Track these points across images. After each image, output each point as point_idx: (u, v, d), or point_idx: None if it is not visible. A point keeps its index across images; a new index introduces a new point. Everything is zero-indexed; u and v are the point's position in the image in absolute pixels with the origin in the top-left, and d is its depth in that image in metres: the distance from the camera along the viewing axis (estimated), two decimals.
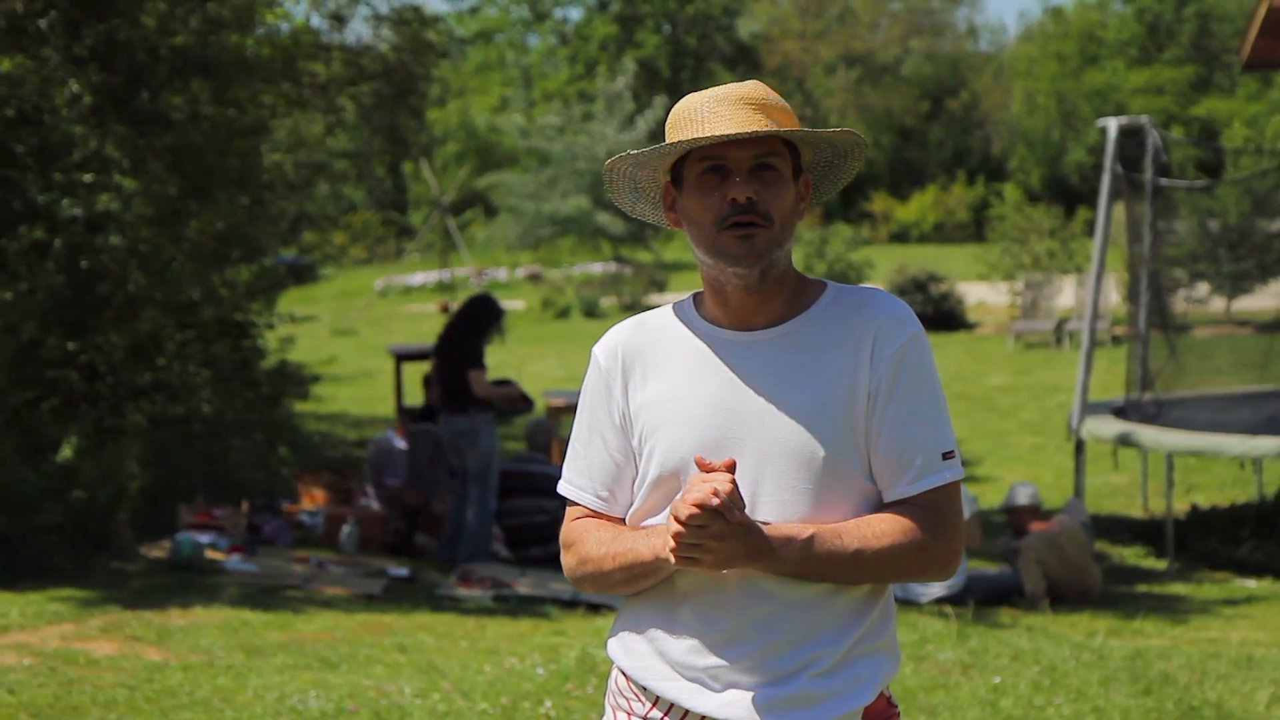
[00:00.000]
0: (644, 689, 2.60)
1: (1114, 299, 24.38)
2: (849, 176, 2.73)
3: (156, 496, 10.85)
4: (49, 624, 7.67)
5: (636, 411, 2.63)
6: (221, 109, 11.72)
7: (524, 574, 9.95)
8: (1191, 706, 6.18)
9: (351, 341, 28.43)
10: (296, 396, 15.12)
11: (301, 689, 6.34)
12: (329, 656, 7.15)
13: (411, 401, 14.85)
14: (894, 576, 2.56)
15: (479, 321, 10.27)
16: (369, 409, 19.38)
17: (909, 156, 56.42)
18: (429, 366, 11.76)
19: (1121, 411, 12.97)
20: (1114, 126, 13.07)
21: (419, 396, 13.74)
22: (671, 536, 2.42)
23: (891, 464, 2.55)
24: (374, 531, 10.90)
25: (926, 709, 6.06)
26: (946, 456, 2.56)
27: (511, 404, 11.04)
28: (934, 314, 26.80)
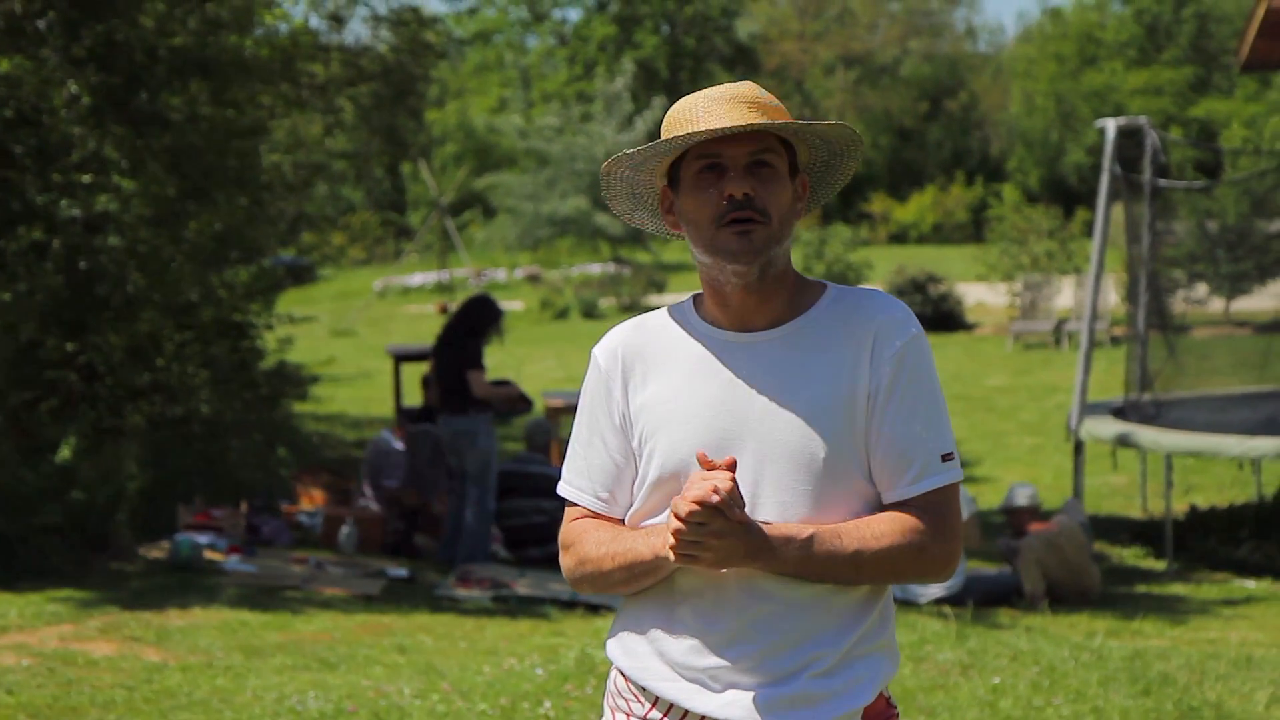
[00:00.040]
0: (643, 689, 2.60)
1: (1113, 300, 24.37)
2: (846, 177, 2.72)
3: (155, 497, 10.84)
4: (48, 624, 7.67)
5: (637, 413, 2.63)
6: (220, 110, 11.72)
7: (523, 574, 9.95)
8: (1191, 707, 6.18)
9: (350, 342, 28.43)
10: (295, 397, 15.12)
11: (300, 690, 6.34)
12: (328, 657, 7.15)
13: (410, 402, 14.85)
14: (893, 577, 2.56)
15: (478, 322, 10.28)
16: (368, 410, 19.37)
17: (908, 157, 56.46)
18: (428, 367, 11.75)
19: (1120, 412, 12.96)
20: (1112, 127, 13.07)
21: (418, 397, 13.74)
22: (671, 534, 2.42)
23: (891, 465, 2.55)
24: (373, 532, 10.90)
25: (926, 709, 6.06)
26: (946, 458, 2.56)
27: (510, 404, 11.04)
28: (933, 315, 26.79)
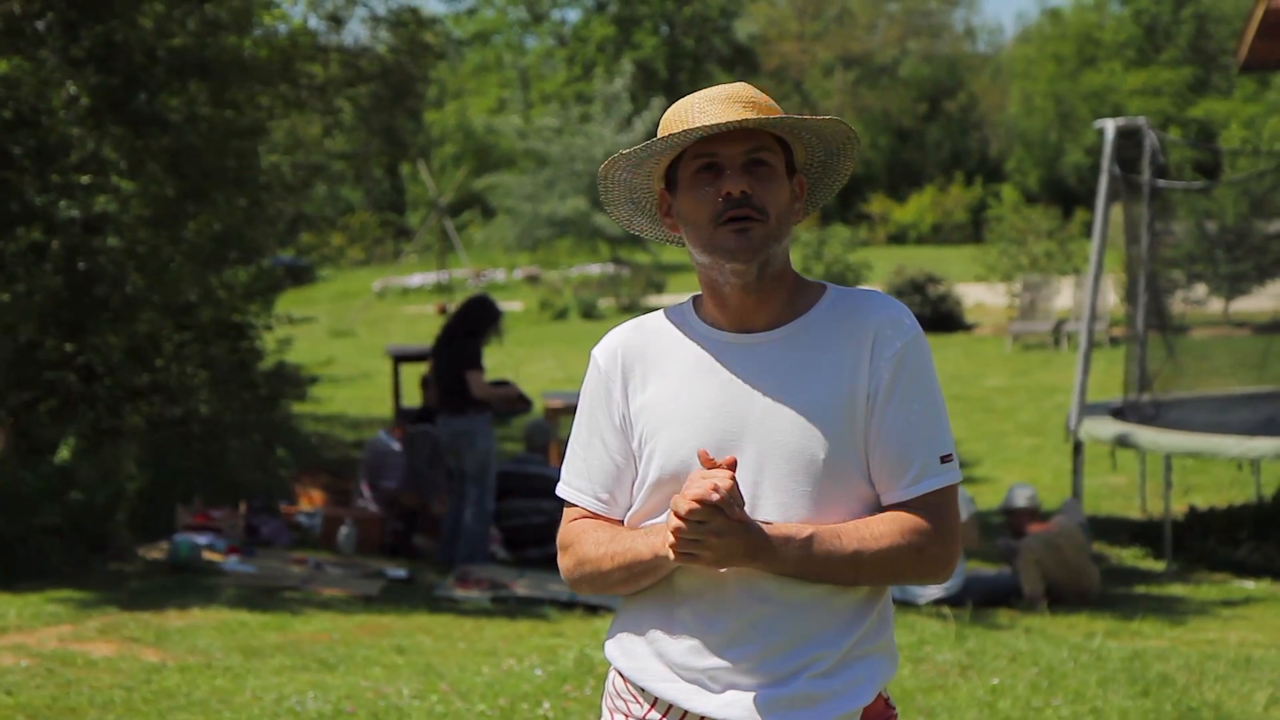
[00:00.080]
0: (642, 690, 2.59)
1: (1112, 300, 24.37)
2: (843, 178, 2.72)
3: (154, 498, 10.84)
4: (47, 625, 7.67)
5: (637, 414, 2.63)
6: (219, 110, 11.72)
7: (522, 575, 9.94)
8: (1190, 708, 6.18)
9: (349, 343, 28.43)
10: (294, 398, 15.12)
11: (299, 690, 6.34)
12: (327, 658, 7.15)
13: (409, 403, 14.85)
14: (892, 578, 2.56)
15: (477, 323, 10.28)
16: (367, 410, 19.37)
17: (907, 158, 56.50)
18: (427, 368, 11.76)
19: (1119, 413, 12.96)
20: (1111, 128, 13.06)
21: (417, 398, 13.74)
22: (671, 532, 2.42)
23: (890, 466, 2.55)
24: (372, 533, 10.89)
25: (925, 710, 6.06)
26: (945, 459, 2.56)
27: (509, 405, 11.04)
28: (932, 315, 26.79)
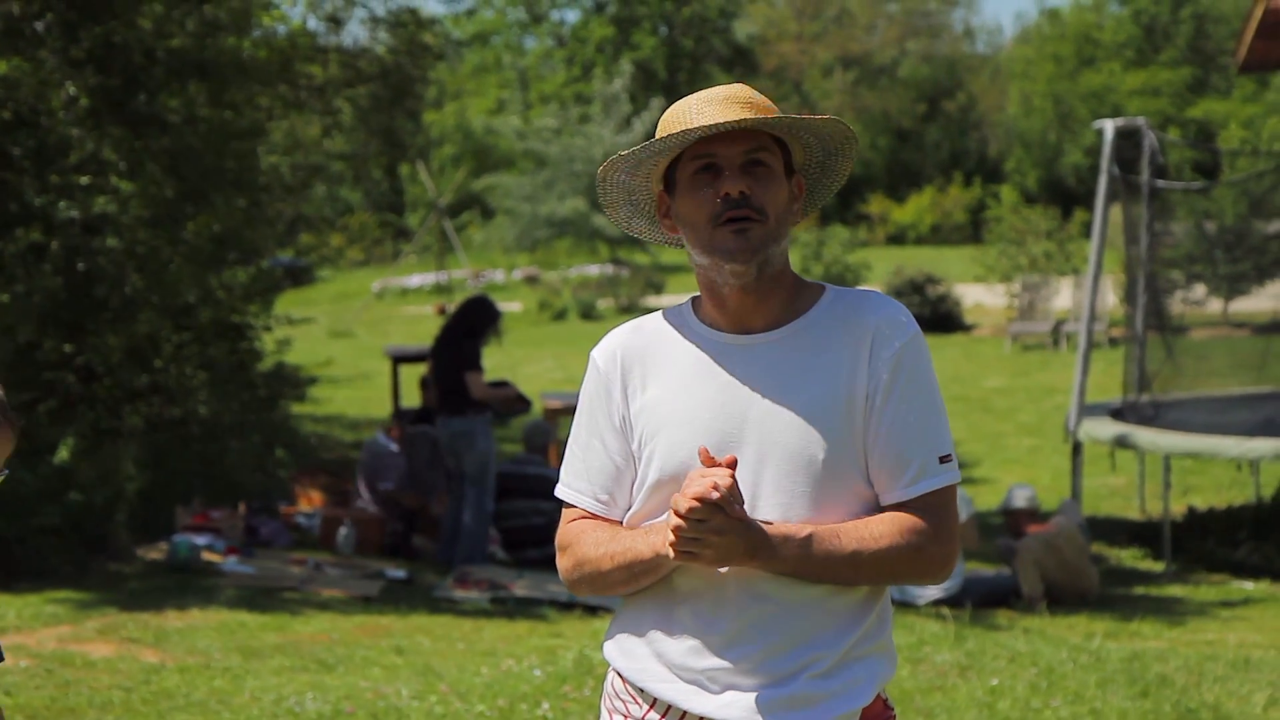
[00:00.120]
0: (641, 691, 2.59)
1: (1111, 301, 24.36)
2: (842, 178, 2.72)
3: (153, 498, 10.84)
4: (46, 626, 7.67)
5: (636, 415, 2.63)
6: (218, 111, 11.72)
7: (521, 576, 9.95)
8: (1189, 709, 6.18)
9: (348, 343, 28.42)
10: (294, 398, 15.13)
11: (298, 691, 6.34)
12: (326, 658, 7.15)
13: (409, 403, 14.85)
14: (890, 578, 2.56)
15: (476, 323, 10.28)
16: (366, 411, 19.36)
17: (906, 158, 56.50)
18: (426, 368, 11.75)
19: (1118, 413, 12.95)
20: (1110, 128, 13.06)
21: (416, 398, 13.74)
22: (671, 530, 2.42)
23: (889, 467, 2.55)
24: (371, 533, 10.89)
25: (924, 711, 6.06)
26: (944, 460, 2.56)
27: (509, 405, 11.04)
28: (931, 316, 26.78)
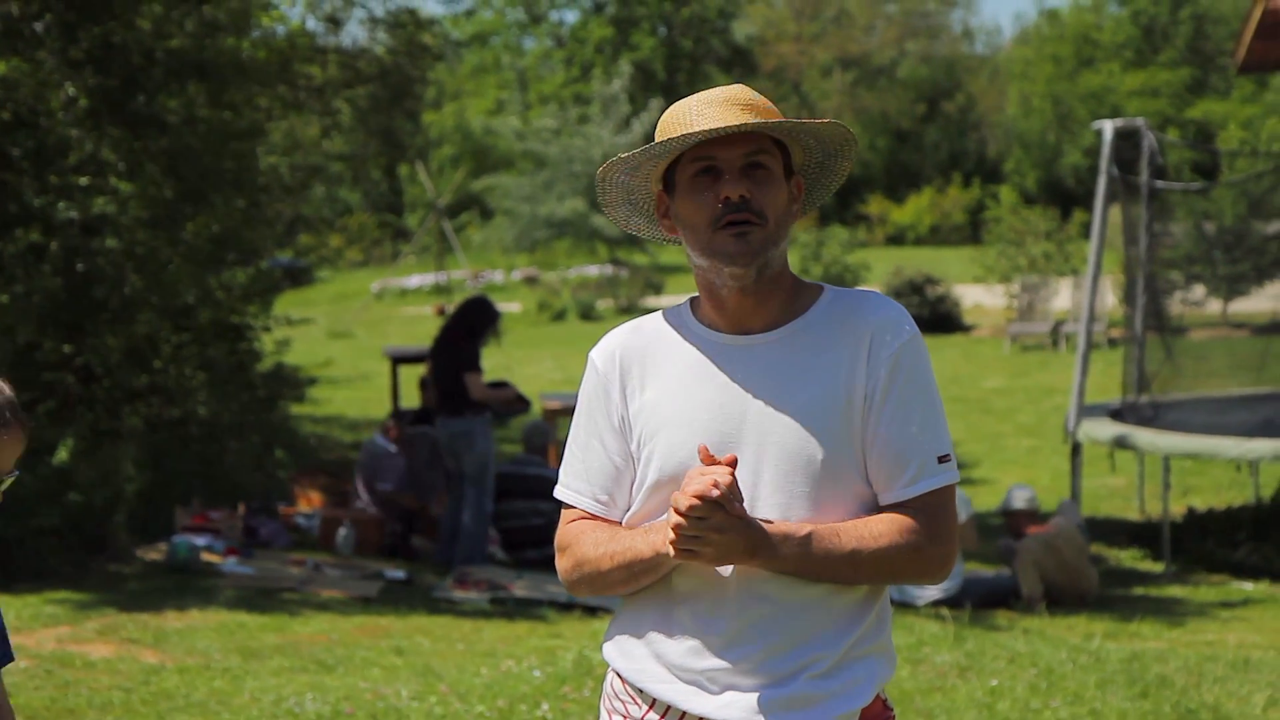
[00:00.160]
0: (640, 691, 2.60)
1: (1110, 301, 24.36)
2: (841, 178, 2.73)
3: (153, 499, 10.84)
4: (45, 626, 7.66)
5: (635, 415, 2.63)
6: (217, 112, 11.72)
7: (520, 576, 9.95)
8: (1188, 709, 6.18)
9: (348, 344, 28.42)
10: (293, 399, 15.12)
11: (298, 691, 6.34)
12: (325, 659, 7.15)
13: (408, 404, 14.84)
14: (889, 578, 2.56)
15: (475, 324, 10.28)
16: (365, 411, 19.36)
17: (905, 159, 56.49)
18: (425, 369, 11.75)
19: (1118, 414, 12.95)
20: (1109, 129, 13.06)
21: (415, 399, 13.74)
22: (671, 529, 2.42)
23: (887, 467, 2.55)
24: (370, 534, 10.89)
25: (923, 711, 6.06)
26: (942, 460, 2.57)
27: (508, 406, 11.03)
28: (930, 316, 26.78)
